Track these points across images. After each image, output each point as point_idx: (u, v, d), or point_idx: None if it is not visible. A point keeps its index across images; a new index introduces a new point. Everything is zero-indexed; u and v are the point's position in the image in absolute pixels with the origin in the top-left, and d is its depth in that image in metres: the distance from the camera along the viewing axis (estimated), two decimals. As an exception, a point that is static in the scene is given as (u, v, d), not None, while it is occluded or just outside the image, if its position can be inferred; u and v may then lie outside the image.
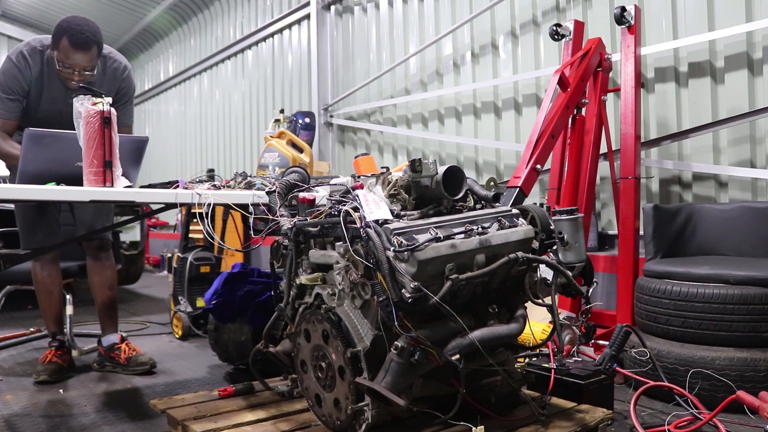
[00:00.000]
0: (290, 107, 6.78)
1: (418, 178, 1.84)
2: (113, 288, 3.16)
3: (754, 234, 2.87)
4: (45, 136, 2.29)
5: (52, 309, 3.10)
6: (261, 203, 2.13)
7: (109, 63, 2.88)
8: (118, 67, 2.91)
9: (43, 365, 2.98)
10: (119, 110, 2.79)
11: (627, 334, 2.24)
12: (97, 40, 2.66)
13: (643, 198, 3.60)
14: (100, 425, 2.33)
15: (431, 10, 5.14)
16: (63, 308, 3.22)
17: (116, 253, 3.31)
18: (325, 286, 1.86)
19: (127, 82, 2.95)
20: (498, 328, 1.72)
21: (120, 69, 2.92)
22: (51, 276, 3.06)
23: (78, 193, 2.04)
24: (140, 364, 3.06)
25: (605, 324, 3.11)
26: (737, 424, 2.16)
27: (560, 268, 1.82)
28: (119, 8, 9.38)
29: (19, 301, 3.64)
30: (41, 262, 3.03)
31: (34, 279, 3.07)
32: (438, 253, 1.62)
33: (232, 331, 2.91)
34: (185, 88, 9.60)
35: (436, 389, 1.82)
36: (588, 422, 1.90)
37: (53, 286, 3.07)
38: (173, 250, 6.41)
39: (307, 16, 6.50)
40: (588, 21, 3.93)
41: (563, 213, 1.92)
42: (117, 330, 3.18)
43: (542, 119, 2.86)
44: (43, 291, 3.06)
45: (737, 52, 3.28)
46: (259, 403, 2.10)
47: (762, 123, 3.21)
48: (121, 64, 2.93)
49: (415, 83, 5.36)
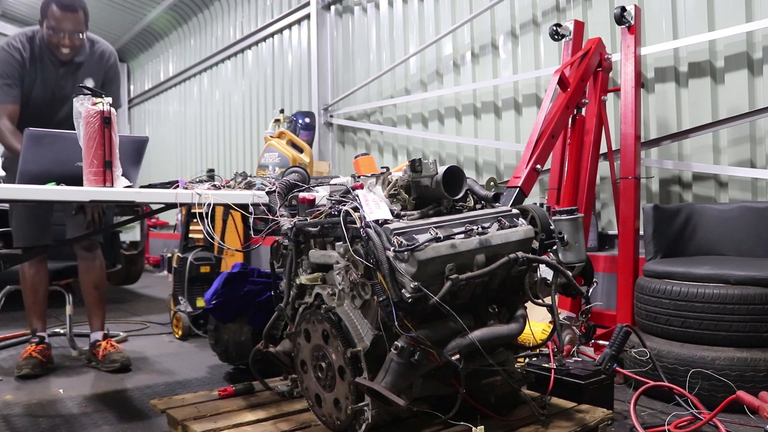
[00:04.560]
0: (290, 107, 6.78)
1: (418, 178, 1.84)
2: (99, 287, 3.24)
3: (754, 234, 2.86)
4: (45, 136, 2.29)
5: (37, 306, 3.19)
6: (261, 203, 2.14)
7: (96, 47, 3.04)
8: (105, 51, 3.07)
9: (24, 360, 3.04)
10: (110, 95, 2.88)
11: (627, 334, 2.24)
12: (82, 5, 2.86)
13: (643, 198, 3.60)
14: (101, 425, 2.33)
15: (431, 10, 5.14)
16: (47, 306, 3.28)
17: (116, 253, 3.34)
18: (325, 286, 1.86)
19: (113, 67, 3.12)
20: (498, 328, 1.73)
21: (107, 53, 3.07)
22: (38, 274, 3.16)
23: (78, 193, 2.04)
24: (112, 361, 3.11)
25: (605, 324, 3.11)
26: (737, 424, 2.16)
27: (560, 268, 1.82)
28: (119, 8, 9.37)
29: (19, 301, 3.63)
30: (29, 261, 3.10)
31: (21, 276, 3.16)
32: (438, 253, 1.62)
33: (232, 331, 2.91)
34: (185, 88, 9.60)
35: (436, 389, 1.82)
36: (588, 422, 1.90)
37: (39, 285, 3.17)
38: (173, 250, 6.40)
39: (307, 16, 6.50)
40: (588, 21, 3.93)
41: (563, 213, 1.92)
42: (103, 328, 3.27)
43: (542, 119, 2.86)
44: (29, 288, 3.16)
45: (737, 52, 3.28)
46: (259, 403, 2.10)
47: (762, 123, 3.21)
48: (108, 49, 3.09)
49: (415, 83, 5.36)
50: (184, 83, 9.62)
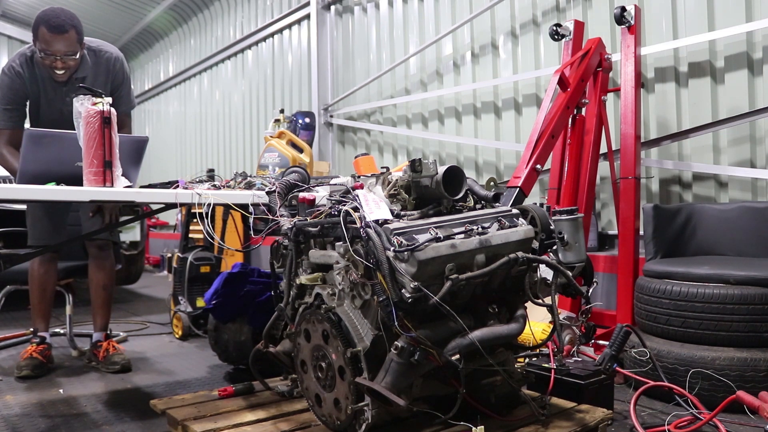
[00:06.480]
0: (290, 107, 6.78)
1: (418, 178, 1.84)
2: (107, 288, 3.24)
3: (754, 234, 2.86)
4: (45, 136, 2.29)
5: (43, 305, 3.18)
6: (261, 203, 2.13)
7: (100, 55, 2.93)
8: (110, 57, 2.96)
9: (25, 360, 3.03)
10: (119, 99, 2.84)
11: (627, 334, 2.24)
12: (74, 24, 2.70)
13: (643, 198, 3.60)
14: (101, 425, 2.33)
15: (431, 10, 5.14)
16: (52, 307, 3.28)
17: (116, 253, 3.34)
18: (325, 286, 1.86)
19: (121, 71, 3.02)
20: (498, 328, 1.72)
21: (112, 59, 2.97)
22: (47, 273, 3.14)
23: (78, 193, 2.04)
24: (112, 363, 3.12)
25: (605, 324, 3.11)
26: (737, 424, 2.16)
27: (560, 268, 1.82)
28: (119, 8, 9.37)
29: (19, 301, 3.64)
30: (40, 259, 3.10)
31: (30, 274, 3.14)
32: (438, 253, 1.62)
33: (232, 331, 2.91)
34: (185, 88, 9.60)
35: (436, 389, 1.82)
36: (588, 422, 1.90)
37: (47, 284, 3.16)
38: (173, 250, 6.41)
39: (307, 16, 6.51)
40: (588, 21, 3.93)
41: (563, 213, 1.92)
42: (106, 329, 3.27)
43: (542, 119, 2.86)
44: (36, 287, 3.14)
45: (737, 52, 3.28)
46: (259, 403, 2.10)
47: (762, 123, 3.21)
48: (113, 54, 2.98)
49: (415, 83, 5.36)
50: (184, 83, 9.62)
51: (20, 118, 2.87)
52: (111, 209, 2.91)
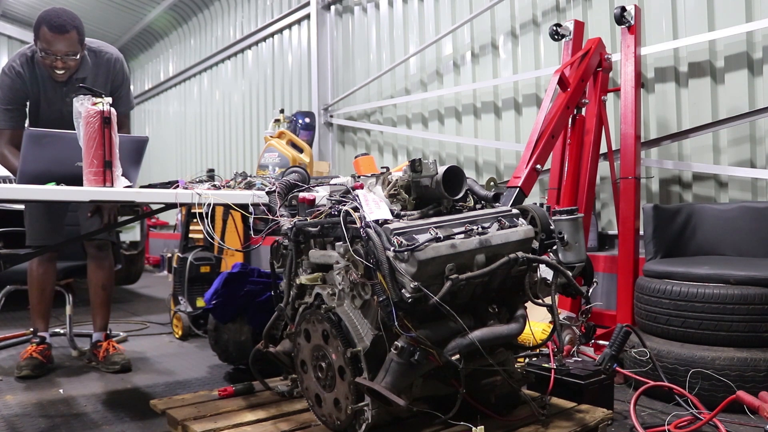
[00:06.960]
0: (290, 107, 6.78)
1: (418, 178, 1.84)
2: (106, 288, 3.24)
3: (754, 234, 2.86)
4: (45, 136, 2.29)
5: (42, 305, 3.19)
6: (261, 203, 2.14)
7: (100, 56, 2.93)
8: (110, 58, 2.96)
9: (25, 360, 3.03)
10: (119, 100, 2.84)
11: (627, 334, 2.24)
12: (75, 24, 2.70)
13: (643, 198, 3.60)
14: (101, 425, 2.33)
15: (431, 10, 5.14)
16: (51, 307, 3.28)
17: (116, 253, 3.34)
18: (325, 286, 1.86)
19: (121, 71, 3.02)
20: (498, 328, 1.73)
21: (112, 60, 2.97)
22: (46, 274, 3.15)
23: (78, 193, 2.04)
24: (112, 363, 3.12)
25: (605, 324, 3.11)
26: (737, 424, 2.16)
27: (560, 268, 1.82)
28: (119, 8, 9.37)
29: (19, 301, 3.64)
30: (39, 259, 3.10)
31: (29, 275, 3.15)
32: (438, 253, 1.62)
33: (232, 331, 2.91)
34: (185, 88, 9.60)
35: (436, 389, 1.82)
36: (588, 422, 1.90)
37: (46, 284, 3.16)
38: (173, 250, 6.40)
39: (307, 16, 6.50)
40: (588, 21, 3.93)
41: (563, 213, 1.92)
42: (106, 329, 3.27)
43: (542, 119, 2.86)
44: (36, 287, 3.15)
45: (737, 52, 3.28)
46: (259, 403, 2.10)
47: (762, 123, 3.21)
48: (113, 55, 2.98)
49: (415, 83, 5.36)
50: (184, 83, 9.62)
51: (21, 118, 2.87)
52: (109, 209, 2.91)
